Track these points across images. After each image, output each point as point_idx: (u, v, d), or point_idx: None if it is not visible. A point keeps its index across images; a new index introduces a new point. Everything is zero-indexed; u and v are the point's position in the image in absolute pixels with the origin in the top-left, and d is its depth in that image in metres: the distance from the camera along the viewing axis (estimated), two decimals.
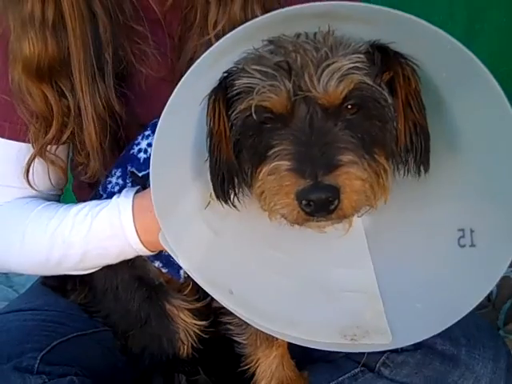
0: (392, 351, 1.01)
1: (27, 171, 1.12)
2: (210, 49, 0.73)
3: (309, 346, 0.90)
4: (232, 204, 0.87)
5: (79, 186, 1.33)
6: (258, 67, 0.79)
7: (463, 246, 0.82)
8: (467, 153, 0.82)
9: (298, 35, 0.79)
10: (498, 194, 0.77)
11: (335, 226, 0.83)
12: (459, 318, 0.82)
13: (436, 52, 0.74)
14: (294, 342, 0.90)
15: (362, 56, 0.78)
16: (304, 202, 0.74)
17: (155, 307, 1.10)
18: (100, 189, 1.12)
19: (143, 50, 1.11)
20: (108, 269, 1.10)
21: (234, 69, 0.82)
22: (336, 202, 0.74)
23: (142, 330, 1.11)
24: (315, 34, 0.78)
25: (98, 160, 1.11)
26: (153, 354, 1.11)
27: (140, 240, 1.01)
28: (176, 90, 0.76)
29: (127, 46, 1.09)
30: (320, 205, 0.74)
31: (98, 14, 1.06)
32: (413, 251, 0.90)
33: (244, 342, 1.07)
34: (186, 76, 0.75)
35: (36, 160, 1.13)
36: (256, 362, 1.07)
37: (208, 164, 0.85)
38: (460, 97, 0.78)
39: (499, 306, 1.74)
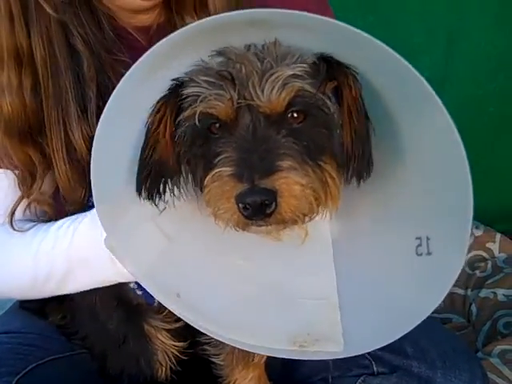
0: (368, 374, 1.01)
1: (11, 214, 1.11)
2: (142, 57, 0.74)
3: (256, 351, 0.91)
4: (155, 204, 0.87)
5: None
6: (204, 77, 0.81)
7: (420, 254, 0.83)
8: (417, 165, 0.83)
9: (249, 47, 0.81)
10: (447, 202, 0.79)
11: (290, 235, 0.84)
12: (412, 328, 0.81)
13: (382, 65, 0.75)
14: (241, 347, 0.90)
15: (305, 66, 0.80)
16: (241, 205, 0.75)
17: (133, 328, 1.10)
18: None
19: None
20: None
21: (186, 79, 0.83)
22: (273, 206, 0.75)
23: (120, 350, 1.10)
24: (263, 45, 0.80)
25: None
26: (131, 376, 1.10)
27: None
28: (110, 100, 0.77)
29: (112, 77, 1.09)
30: (257, 208, 0.75)
31: (81, 52, 1.06)
32: (374, 259, 0.90)
33: (221, 362, 1.07)
34: (119, 85, 0.76)
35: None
36: None
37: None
38: (409, 110, 0.80)
39: (478, 327, 1.74)
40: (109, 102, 0.78)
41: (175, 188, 0.89)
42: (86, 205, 1.10)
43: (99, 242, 0.97)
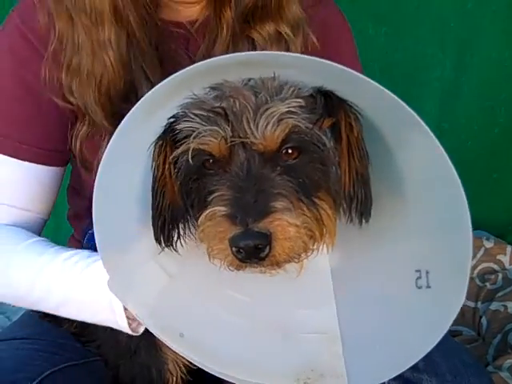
0: None
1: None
2: (140, 100, 0.74)
3: None
4: (174, 249, 0.87)
5: (75, 215, 1.34)
6: (198, 112, 0.80)
7: (420, 287, 0.81)
8: (413, 196, 0.82)
9: (248, 80, 0.80)
10: (447, 235, 0.77)
11: (286, 269, 0.82)
12: (415, 361, 0.80)
13: (370, 97, 0.74)
14: None
15: (300, 100, 0.79)
16: (234, 248, 0.74)
17: (144, 338, 1.09)
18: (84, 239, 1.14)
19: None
20: None
21: (180, 114, 0.82)
22: (267, 249, 0.74)
23: (132, 360, 1.11)
24: (260, 78, 0.79)
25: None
26: None
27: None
28: (112, 140, 0.77)
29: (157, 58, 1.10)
30: (250, 252, 0.74)
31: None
32: (374, 292, 0.89)
33: None
34: (120, 125, 0.76)
35: (34, 179, 1.15)
36: None
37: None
38: (404, 145, 0.79)
39: (489, 340, 1.73)
40: (108, 146, 0.77)
41: (185, 227, 0.88)
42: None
43: (104, 288, 0.94)
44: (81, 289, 1.02)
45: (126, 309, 0.96)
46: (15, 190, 1.16)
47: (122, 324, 1.00)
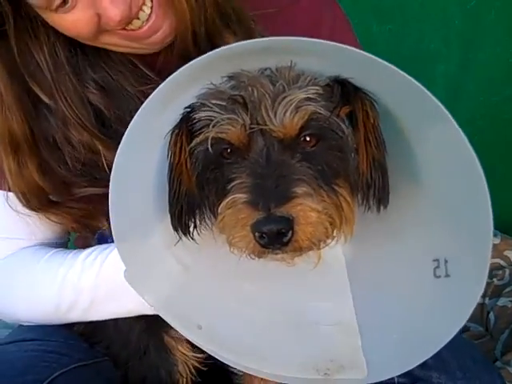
0: None
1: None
2: (160, 86, 0.73)
3: (279, 381, 0.90)
4: (191, 237, 0.87)
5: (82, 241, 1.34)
6: (216, 101, 0.80)
7: (438, 276, 0.81)
8: (431, 185, 0.81)
9: (264, 70, 0.80)
10: (467, 224, 0.77)
11: (304, 259, 0.82)
12: (435, 352, 0.79)
13: (392, 86, 0.73)
14: (264, 377, 0.90)
15: (318, 88, 0.79)
16: (257, 234, 0.74)
17: (154, 339, 1.11)
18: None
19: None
20: None
21: (197, 104, 0.82)
22: (290, 234, 0.74)
23: (141, 361, 1.12)
24: (276, 68, 0.79)
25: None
26: None
27: None
28: (128, 129, 0.76)
29: (137, 101, 1.08)
30: (273, 237, 0.74)
31: (93, 100, 1.06)
32: (391, 283, 0.89)
33: (240, 373, 1.09)
34: (136, 116, 0.76)
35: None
36: None
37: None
38: (424, 135, 0.78)
39: (497, 335, 1.73)
40: (124, 137, 0.77)
41: (201, 217, 0.88)
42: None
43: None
44: (107, 279, 1.04)
45: None
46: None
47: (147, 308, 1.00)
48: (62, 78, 1.04)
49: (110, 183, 0.79)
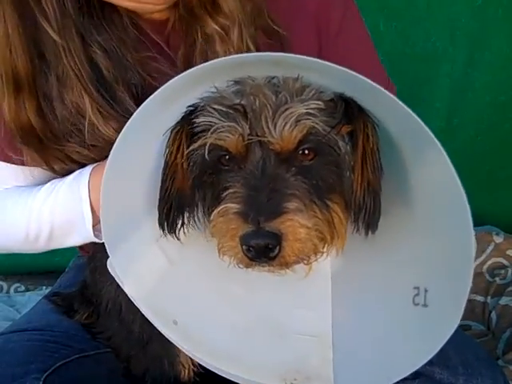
0: None
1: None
2: (163, 87, 0.74)
3: None
4: (176, 236, 0.87)
5: None
6: (218, 107, 0.80)
7: (417, 304, 0.81)
8: (421, 210, 0.81)
9: (271, 78, 0.79)
10: (449, 258, 0.76)
11: (294, 269, 0.82)
12: (405, 375, 0.80)
13: (393, 113, 0.74)
14: (233, 379, 0.89)
15: (320, 103, 0.79)
16: (245, 246, 0.75)
17: (157, 329, 1.11)
18: None
19: (159, 68, 1.10)
20: (111, 287, 1.11)
21: (201, 104, 0.82)
22: (277, 250, 0.74)
23: (144, 352, 1.11)
24: (283, 78, 0.79)
25: None
26: (154, 377, 1.11)
27: (89, 198, 1.05)
28: (128, 123, 0.77)
29: (143, 73, 1.09)
30: (260, 251, 0.74)
31: (97, 59, 1.06)
32: (370, 303, 0.88)
33: None
34: (136, 112, 0.76)
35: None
36: None
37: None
38: (418, 160, 0.78)
39: (499, 334, 1.72)
40: (124, 128, 0.77)
41: (190, 217, 0.88)
42: None
43: (76, 200, 1.04)
44: (59, 205, 1.08)
45: (94, 215, 1.05)
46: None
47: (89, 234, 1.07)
48: (67, 30, 1.04)
49: (105, 171, 0.80)
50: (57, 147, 1.09)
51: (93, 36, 1.06)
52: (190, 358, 1.11)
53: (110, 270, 0.89)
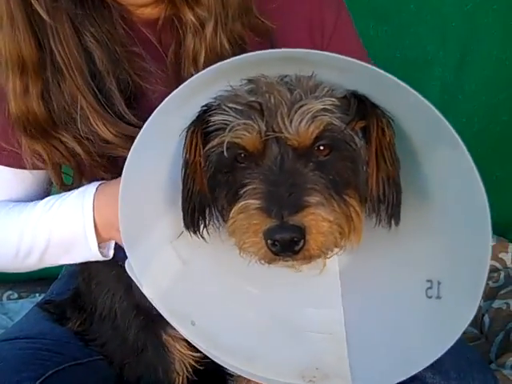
0: None
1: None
2: (176, 90, 0.75)
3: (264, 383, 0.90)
4: (201, 235, 0.88)
5: None
6: (232, 105, 0.81)
7: (430, 297, 0.81)
8: (438, 201, 0.82)
9: (284, 76, 0.80)
10: (464, 249, 0.77)
11: (309, 265, 0.83)
12: (420, 369, 0.80)
13: (405, 104, 0.75)
14: (250, 378, 0.90)
15: (335, 100, 0.80)
16: (269, 241, 0.75)
17: (152, 337, 1.11)
18: None
19: (144, 67, 1.11)
20: (107, 296, 1.12)
21: (215, 103, 0.83)
22: (301, 243, 0.75)
23: (138, 359, 1.12)
24: (296, 76, 0.80)
25: None
26: None
27: (94, 221, 1.03)
28: (145, 125, 0.78)
29: (129, 69, 1.09)
30: (285, 245, 0.75)
31: (92, 49, 1.06)
32: (382, 297, 0.89)
33: (236, 374, 1.07)
34: (154, 113, 0.77)
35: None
36: None
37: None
38: (430, 149, 0.79)
39: (492, 338, 1.72)
40: (142, 129, 0.78)
41: (211, 216, 0.89)
42: None
43: (79, 220, 1.02)
44: (59, 223, 1.06)
45: (98, 235, 1.03)
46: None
47: (94, 251, 1.05)
48: (58, 13, 1.04)
49: (123, 173, 0.81)
50: (58, 136, 1.08)
51: (86, 26, 1.06)
52: (185, 366, 1.12)
53: (128, 272, 0.89)
